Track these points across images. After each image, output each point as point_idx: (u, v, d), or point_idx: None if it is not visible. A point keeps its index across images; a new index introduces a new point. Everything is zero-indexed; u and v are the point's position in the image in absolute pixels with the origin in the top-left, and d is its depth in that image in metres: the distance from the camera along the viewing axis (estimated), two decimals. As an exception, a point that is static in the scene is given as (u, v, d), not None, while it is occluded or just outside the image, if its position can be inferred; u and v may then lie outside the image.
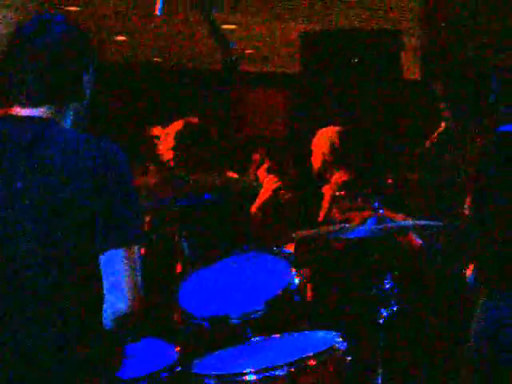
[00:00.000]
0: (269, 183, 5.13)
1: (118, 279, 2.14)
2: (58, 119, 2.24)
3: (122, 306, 2.14)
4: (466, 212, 3.26)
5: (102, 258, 2.14)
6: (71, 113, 2.28)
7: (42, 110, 2.22)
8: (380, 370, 3.32)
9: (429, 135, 3.81)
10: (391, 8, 9.10)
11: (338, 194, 4.82)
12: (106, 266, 2.14)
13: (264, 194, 5.06)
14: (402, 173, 5.18)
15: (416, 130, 6.05)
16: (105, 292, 2.14)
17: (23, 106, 2.23)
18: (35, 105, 2.22)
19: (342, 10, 9.27)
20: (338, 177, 4.93)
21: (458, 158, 3.76)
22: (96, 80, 2.34)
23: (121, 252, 2.14)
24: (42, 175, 2.13)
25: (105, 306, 2.15)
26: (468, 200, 3.26)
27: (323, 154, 4.98)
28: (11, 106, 2.25)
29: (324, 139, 5.01)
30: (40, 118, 2.21)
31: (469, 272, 3.34)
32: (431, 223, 3.40)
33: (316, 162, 5.04)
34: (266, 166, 6.75)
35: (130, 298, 2.14)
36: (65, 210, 2.12)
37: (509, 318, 3.14)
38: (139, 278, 2.17)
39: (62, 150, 2.15)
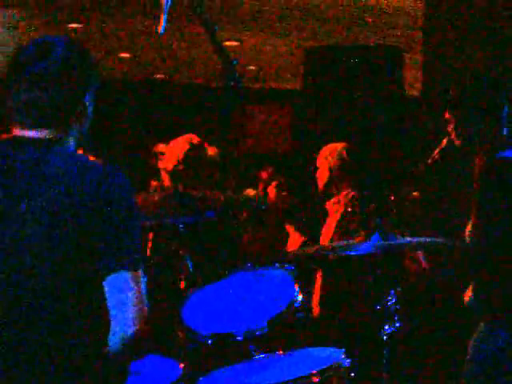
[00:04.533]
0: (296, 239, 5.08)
1: (124, 303, 2.14)
2: (62, 140, 2.24)
3: (129, 330, 2.14)
4: (467, 235, 3.25)
5: (107, 282, 2.15)
6: (75, 133, 2.28)
7: (43, 132, 2.22)
8: (384, 387, 3.32)
9: (430, 152, 3.81)
10: (393, 25, 9.13)
11: (350, 209, 4.81)
12: (110, 290, 2.15)
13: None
14: (403, 190, 5.18)
15: (417, 147, 6.06)
16: (111, 315, 2.14)
17: (26, 129, 2.22)
18: (38, 128, 2.22)
19: (344, 26, 9.31)
20: (346, 193, 4.90)
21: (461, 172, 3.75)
22: (98, 97, 2.35)
23: (126, 275, 2.14)
24: (45, 197, 2.13)
25: (111, 328, 2.15)
26: (470, 225, 3.25)
27: (331, 168, 4.94)
28: (13, 128, 2.24)
29: (332, 154, 4.97)
30: (44, 140, 2.21)
31: (468, 295, 3.34)
32: (434, 241, 3.40)
33: (322, 177, 5.00)
34: (275, 183, 6.79)
35: (136, 321, 2.14)
36: (67, 231, 2.12)
37: (506, 345, 3.14)
38: (145, 301, 2.17)
39: (64, 173, 2.15)
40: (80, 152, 2.33)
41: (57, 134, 2.23)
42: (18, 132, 2.24)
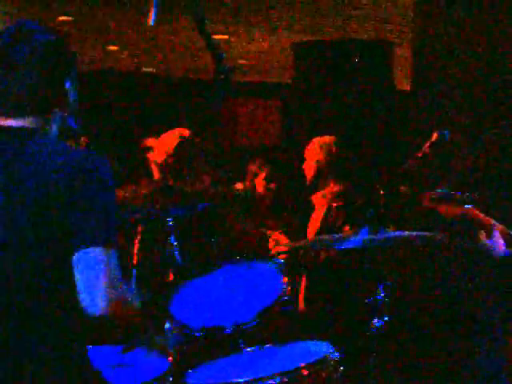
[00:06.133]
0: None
1: (92, 282, 2.09)
2: (42, 128, 2.20)
3: (95, 308, 2.09)
4: None
5: (75, 259, 2.10)
6: (56, 121, 2.24)
7: (24, 120, 2.19)
8: (372, 380, 3.33)
9: (420, 146, 3.81)
10: (383, 19, 9.14)
11: (335, 204, 4.80)
12: (79, 267, 2.10)
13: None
14: (393, 183, 5.18)
15: (407, 141, 6.07)
16: (79, 293, 2.10)
17: (5, 117, 2.19)
18: (17, 116, 2.19)
19: (334, 20, 9.31)
20: (332, 187, 4.90)
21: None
22: (87, 90, 2.31)
23: (94, 253, 2.09)
24: (22, 188, 2.10)
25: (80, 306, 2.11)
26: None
27: (318, 162, 4.92)
28: None
29: (320, 147, 4.95)
30: (21, 129, 2.17)
31: None
32: (427, 234, 3.41)
33: (309, 170, 4.98)
34: (263, 175, 6.79)
35: (105, 299, 2.08)
36: (48, 220, 2.09)
37: None
38: (117, 281, 2.11)
39: (41, 161, 2.12)
40: (63, 141, 2.29)
41: (37, 122, 2.20)
42: None
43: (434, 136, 3.60)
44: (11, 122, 2.19)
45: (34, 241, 2.10)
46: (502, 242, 3.25)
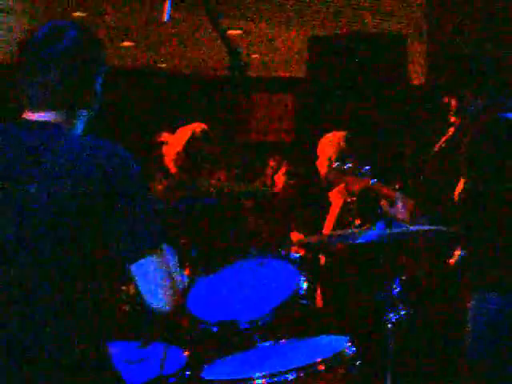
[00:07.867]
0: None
1: (153, 288, 2.17)
2: (69, 124, 2.23)
3: (160, 305, 2.18)
4: (456, 195, 3.29)
5: (133, 269, 2.17)
6: (83, 118, 2.28)
7: (52, 115, 2.22)
8: (389, 375, 3.32)
9: (435, 140, 3.80)
10: (397, 12, 9.12)
11: (349, 200, 4.80)
12: (138, 277, 2.17)
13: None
14: (409, 177, 5.17)
15: (422, 135, 6.05)
16: (143, 294, 2.18)
17: (35, 111, 2.22)
18: (47, 111, 2.22)
19: (348, 14, 9.29)
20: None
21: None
22: (103, 86, 2.34)
23: (148, 260, 2.16)
24: (53, 180, 2.12)
25: (147, 307, 2.20)
26: (459, 186, 3.28)
27: (330, 159, 4.92)
28: (24, 110, 2.25)
29: (330, 144, 4.95)
30: (50, 123, 2.20)
31: (452, 261, 3.36)
32: (438, 228, 3.40)
33: (322, 167, 4.99)
34: (283, 170, 6.79)
35: (169, 299, 2.18)
36: (75, 214, 2.11)
37: (501, 306, 3.17)
38: (173, 275, 2.20)
39: (70, 155, 2.14)
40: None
41: (66, 117, 2.23)
42: (28, 114, 2.23)
43: (451, 131, 3.60)
44: (40, 116, 2.22)
45: (61, 233, 2.11)
46: (403, 210, 3.49)
